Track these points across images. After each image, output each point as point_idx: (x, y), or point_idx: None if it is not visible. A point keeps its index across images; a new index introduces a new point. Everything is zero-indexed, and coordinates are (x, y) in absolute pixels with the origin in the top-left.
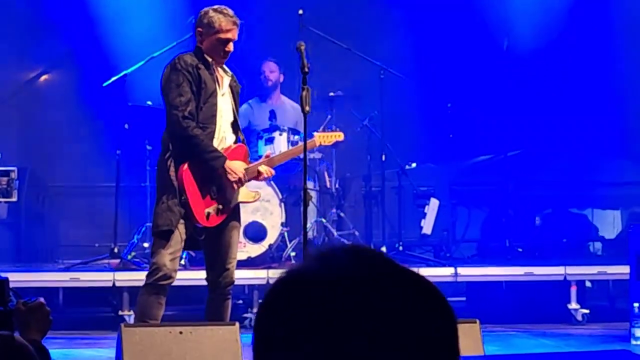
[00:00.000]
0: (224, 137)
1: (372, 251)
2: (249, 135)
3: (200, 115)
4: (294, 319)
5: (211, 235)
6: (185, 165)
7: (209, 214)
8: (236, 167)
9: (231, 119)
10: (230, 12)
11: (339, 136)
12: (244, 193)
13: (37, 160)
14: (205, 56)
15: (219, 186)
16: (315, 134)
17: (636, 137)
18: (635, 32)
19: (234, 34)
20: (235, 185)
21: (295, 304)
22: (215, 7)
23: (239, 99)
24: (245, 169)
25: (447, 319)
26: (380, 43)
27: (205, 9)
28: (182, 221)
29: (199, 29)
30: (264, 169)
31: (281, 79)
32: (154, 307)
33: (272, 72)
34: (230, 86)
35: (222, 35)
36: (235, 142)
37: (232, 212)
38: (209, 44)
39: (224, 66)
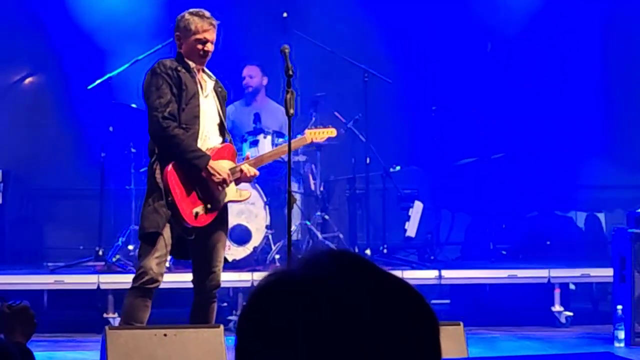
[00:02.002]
0: (207, 137)
1: (355, 256)
2: (233, 138)
3: (183, 116)
4: (277, 324)
5: (199, 237)
6: (170, 166)
7: (197, 213)
8: (220, 166)
9: (217, 120)
10: (207, 13)
11: (331, 132)
12: (233, 192)
13: (21, 163)
14: (186, 60)
15: (205, 185)
16: (306, 130)
17: (619, 140)
18: (617, 33)
19: (210, 35)
20: (220, 186)
21: (278, 308)
22: (191, 10)
23: (225, 104)
24: (231, 169)
25: (429, 322)
26: (365, 46)
27: (182, 13)
28: (168, 224)
29: (177, 34)
30: (245, 167)
31: (264, 82)
32: (140, 310)
33: (252, 77)
34: (215, 90)
35: (199, 36)
36: (222, 143)
37: (221, 212)
38: (187, 47)
39: (207, 71)
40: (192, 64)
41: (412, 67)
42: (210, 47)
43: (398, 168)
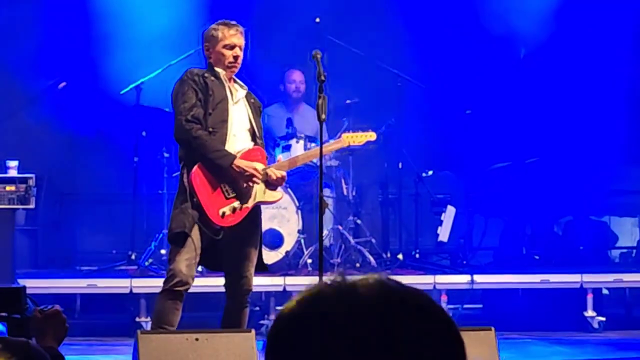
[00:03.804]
0: (235, 141)
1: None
2: (265, 142)
3: (210, 120)
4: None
5: (231, 240)
6: (195, 167)
7: (224, 213)
8: (248, 163)
9: (247, 126)
10: (232, 22)
11: (371, 136)
12: (264, 192)
13: (54, 168)
14: (216, 69)
15: (232, 184)
16: (343, 134)
17: None
18: None
19: (238, 39)
20: (247, 183)
21: (309, 333)
22: (218, 21)
23: (260, 115)
24: (262, 169)
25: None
26: (398, 51)
27: (208, 27)
28: (197, 227)
29: (206, 44)
30: (270, 171)
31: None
32: (171, 312)
33: (302, 82)
34: (248, 100)
35: (227, 42)
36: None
37: (252, 215)
38: (216, 55)
39: (239, 81)
40: (222, 72)
41: (445, 71)
42: (239, 52)
43: (431, 173)
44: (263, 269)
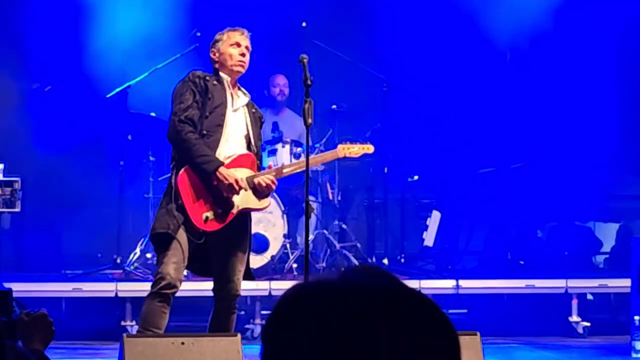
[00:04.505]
0: (229, 147)
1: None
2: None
3: (205, 123)
4: (302, 332)
5: (218, 244)
6: (183, 170)
7: (207, 217)
8: (229, 173)
9: (243, 133)
10: (239, 28)
11: (368, 149)
12: (249, 200)
13: (40, 171)
14: (220, 74)
15: (217, 191)
16: (340, 145)
17: (639, 150)
18: (636, 42)
19: (244, 40)
20: (227, 192)
21: (304, 317)
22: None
23: (260, 126)
24: (248, 177)
25: (452, 336)
26: (384, 56)
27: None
28: (183, 229)
29: (212, 50)
30: (258, 180)
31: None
32: (158, 315)
33: (285, 86)
34: (249, 109)
35: (232, 41)
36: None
37: (241, 220)
38: (222, 57)
39: (243, 89)
40: (225, 77)
41: (431, 77)
42: (245, 51)
43: (416, 177)
44: (249, 277)
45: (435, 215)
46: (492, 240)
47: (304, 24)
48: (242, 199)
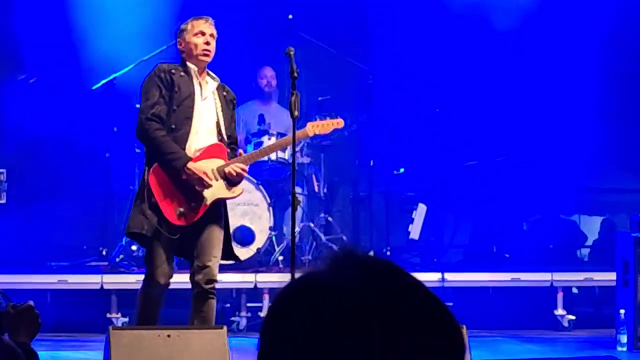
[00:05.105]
0: (199, 138)
1: (384, 261)
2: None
3: (173, 117)
4: (301, 326)
5: (191, 233)
6: (154, 167)
7: (181, 212)
8: (197, 167)
9: (213, 122)
10: (203, 16)
11: (338, 123)
12: (222, 189)
13: (26, 163)
14: (188, 63)
15: (187, 185)
16: (308, 123)
17: (624, 143)
18: (622, 36)
19: (208, 28)
20: (198, 186)
21: (304, 310)
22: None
23: (233, 107)
24: (218, 167)
25: (452, 325)
26: (369, 48)
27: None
28: (158, 227)
29: (179, 40)
30: (228, 168)
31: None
32: (152, 312)
33: (273, 78)
34: (219, 94)
35: (196, 30)
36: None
37: (212, 210)
38: (187, 47)
39: (212, 74)
40: (192, 67)
41: (416, 69)
42: (210, 39)
43: (402, 170)
44: (234, 258)
45: (421, 208)
46: (477, 233)
47: (290, 17)
48: (214, 190)
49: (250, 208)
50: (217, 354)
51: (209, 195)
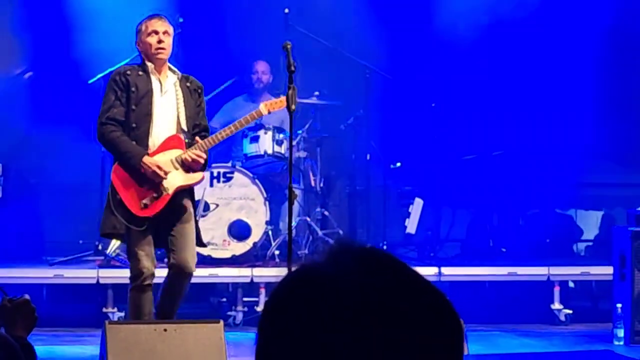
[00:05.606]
0: (160, 133)
1: (382, 253)
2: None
3: (133, 116)
4: (296, 316)
5: (162, 225)
6: (114, 166)
7: (145, 204)
8: (152, 161)
9: (173, 116)
10: (156, 14)
11: (282, 102)
12: (181, 178)
13: (21, 157)
14: (146, 62)
15: (147, 179)
16: (261, 103)
17: (621, 138)
18: (620, 31)
19: (160, 26)
20: (156, 178)
21: (301, 304)
22: None
23: (199, 96)
24: (176, 157)
25: (453, 322)
26: (366, 42)
27: None
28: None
29: (136, 42)
30: (185, 155)
31: (270, 80)
32: (145, 306)
33: (264, 73)
34: (181, 86)
35: (150, 30)
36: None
37: (178, 198)
38: (144, 47)
39: (173, 67)
40: (150, 65)
41: (413, 63)
42: (163, 37)
43: (399, 164)
44: (200, 244)
45: (418, 203)
46: (474, 227)
47: (286, 10)
48: (173, 180)
49: (246, 202)
50: (214, 349)
51: (169, 185)
